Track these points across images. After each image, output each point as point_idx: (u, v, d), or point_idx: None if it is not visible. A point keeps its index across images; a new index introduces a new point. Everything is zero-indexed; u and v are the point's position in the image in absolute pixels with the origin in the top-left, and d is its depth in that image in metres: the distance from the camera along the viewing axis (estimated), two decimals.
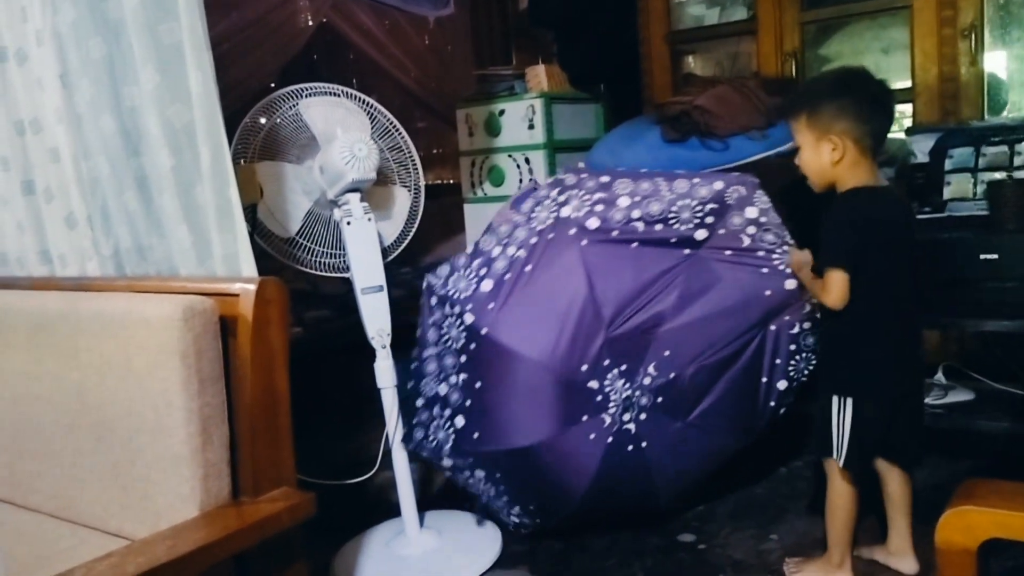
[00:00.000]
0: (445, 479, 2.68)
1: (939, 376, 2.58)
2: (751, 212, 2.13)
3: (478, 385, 2.03)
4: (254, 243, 1.98)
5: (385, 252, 2.24)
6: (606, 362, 2.01)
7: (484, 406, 2.03)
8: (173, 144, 1.62)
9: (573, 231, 2.07)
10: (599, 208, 2.09)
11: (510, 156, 3.44)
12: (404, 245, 2.32)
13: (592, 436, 2.02)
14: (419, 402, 2.14)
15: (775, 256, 2.11)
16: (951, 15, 2.79)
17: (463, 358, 2.05)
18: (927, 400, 2.48)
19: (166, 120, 1.62)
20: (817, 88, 1.84)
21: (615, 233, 2.07)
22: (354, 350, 2.54)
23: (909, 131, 2.70)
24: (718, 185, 2.13)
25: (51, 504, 1.72)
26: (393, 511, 2.37)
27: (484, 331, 2.01)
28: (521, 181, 3.42)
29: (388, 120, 2.27)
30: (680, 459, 2.14)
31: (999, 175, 2.35)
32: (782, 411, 2.23)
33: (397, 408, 2.17)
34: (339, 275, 2.21)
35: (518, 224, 2.14)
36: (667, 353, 2.05)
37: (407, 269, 3.91)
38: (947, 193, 2.43)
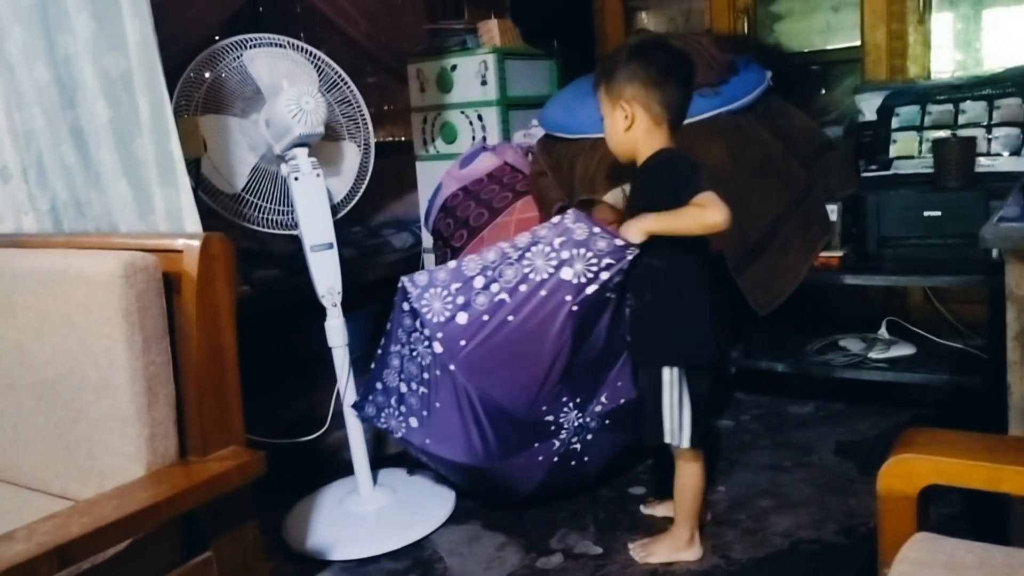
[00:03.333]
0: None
1: (882, 331, 2.64)
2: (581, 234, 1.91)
3: (437, 405, 1.97)
4: (199, 199, 1.94)
5: (335, 209, 2.20)
6: (563, 398, 2.01)
7: (440, 423, 1.98)
8: (110, 95, 1.57)
9: (568, 297, 1.87)
10: (604, 276, 1.86)
11: (463, 113, 3.40)
12: (354, 202, 2.29)
13: (540, 458, 2.04)
14: (378, 384, 2.09)
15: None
16: None
17: (426, 375, 1.97)
18: (871, 354, 2.54)
19: (102, 70, 1.56)
20: (613, 57, 1.81)
21: (591, 290, 1.89)
22: (304, 309, 2.51)
23: (857, 89, 2.73)
24: None
25: None
26: (346, 470, 2.37)
27: (452, 367, 1.91)
28: (474, 138, 3.39)
29: (336, 73, 2.22)
30: (612, 454, 2.21)
31: (944, 133, 2.38)
32: None
33: (348, 367, 2.15)
34: (287, 232, 2.17)
35: (508, 259, 1.92)
36: (620, 384, 2.06)
37: (358, 228, 3.88)
38: (893, 151, 2.47)
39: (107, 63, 1.55)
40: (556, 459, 2.06)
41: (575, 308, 1.89)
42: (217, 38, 3.22)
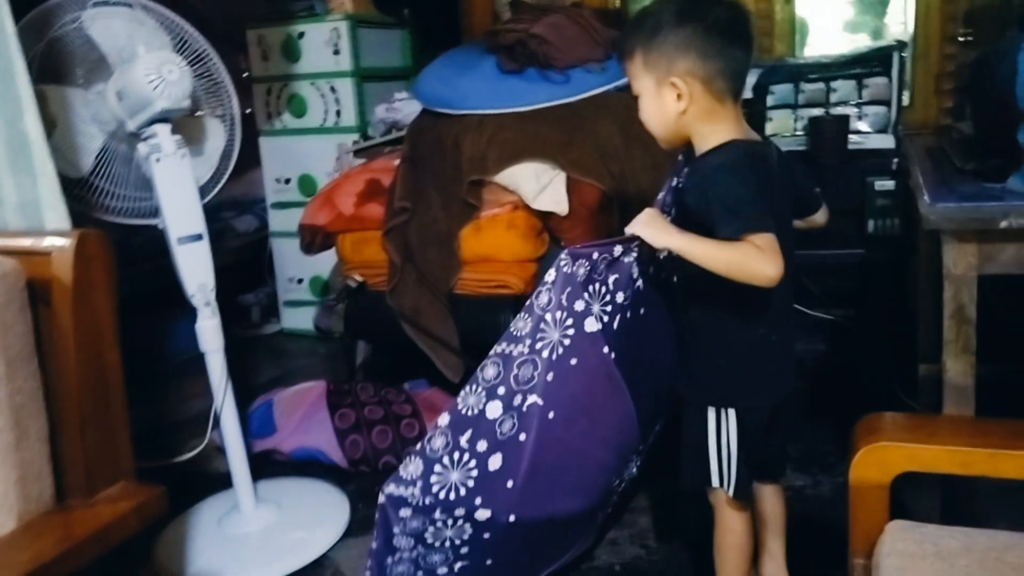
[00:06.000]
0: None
1: None
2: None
3: (489, 562, 1.60)
4: None
5: (199, 194, 1.94)
6: (635, 454, 1.75)
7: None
8: None
9: (605, 349, 1.51)
10: (620, 297, 1.51)
11: (313, 84, 3.16)
12: (220, 186, 2.03)
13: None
14: None
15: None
16: None
17: (465, 549, 1.56)
18: None
19: None
20: (652, 20, 1.37)
21: (617, 322, 1.54)
22: (135, 304, 2.22)
23: None
24: None
25: None
26: (216, 484, 2.13)
27: (511, 518, 1.52)
28: (327, 112, 3.15)
29: (195, 41, 1.94)
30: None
31: (817, 111, 2.45)
32: None
33: (226, 374, 1.91)
34: (146, 222, 1.89)
35: (516, 359, 1.45)
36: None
37: None
38: (769, 128, 2.52)
39: None
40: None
41: (614, 355, 1.54)
42: None
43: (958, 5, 2.60)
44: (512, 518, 1.51)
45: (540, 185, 2.15)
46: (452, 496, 1.47)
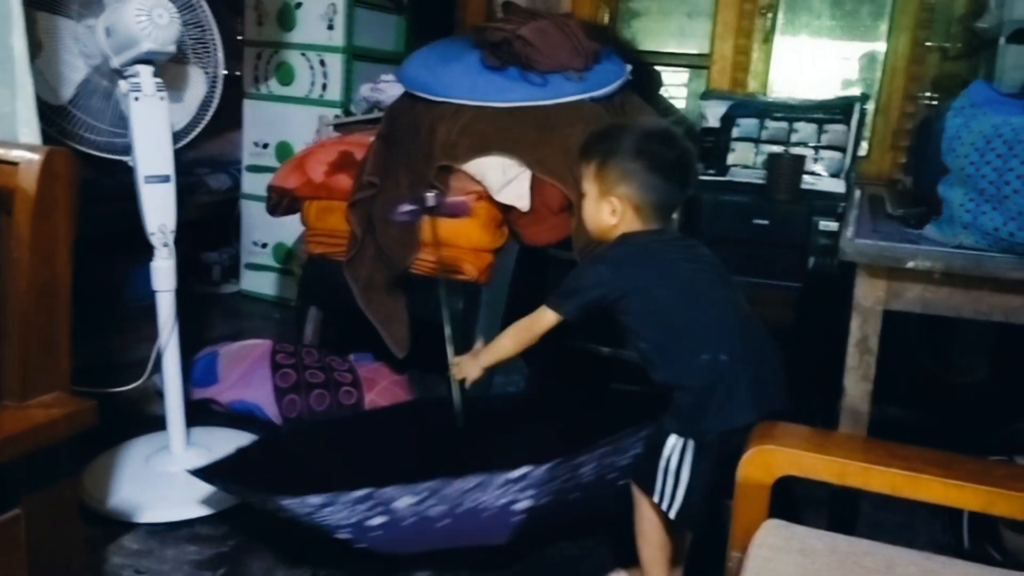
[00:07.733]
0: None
1: None
2: None
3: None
4: None
5: (173, 138, 2.00)
6: None
7: None
8: None
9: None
10: None
11: (303, 55, 3.22)
12: (195, 134, 2.09)
13: None
14: None
15: None
16: None
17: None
18: None
19: None
20: (613, 142, 1.58)
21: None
22: (100, 242, 2.28)
23: (704, 96, 2.86)
24: None
25: None
26: (149, 425, 2.18)
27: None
28: (313, 84, 3.22)
29: None
30: None
31: (777, 148, 2.56)
32: None
33: (174, 314, 1.97)
34: (116, 157, 1.94)
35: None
36: None
37: None
38: (731, 159, 2.62)
39: None
40: None
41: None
42: None
43: (925, 68, 2.74)
44: None
45: (505, 179, 2.23)
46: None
